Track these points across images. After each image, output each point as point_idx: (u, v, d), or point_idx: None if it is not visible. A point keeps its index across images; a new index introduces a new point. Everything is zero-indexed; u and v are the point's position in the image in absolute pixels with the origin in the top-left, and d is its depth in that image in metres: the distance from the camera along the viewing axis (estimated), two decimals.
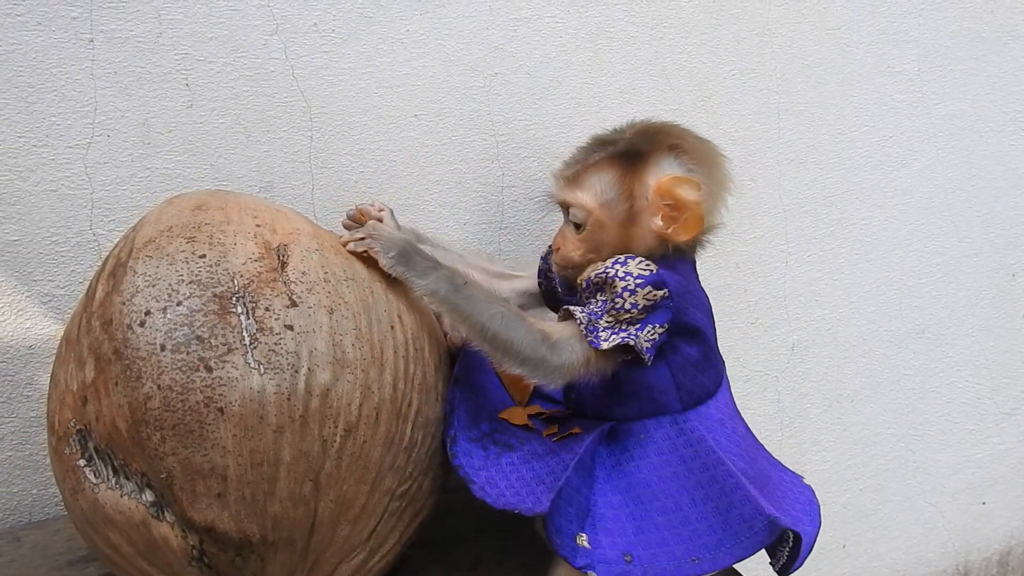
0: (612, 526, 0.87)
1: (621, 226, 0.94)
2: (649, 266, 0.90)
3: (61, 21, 1.07)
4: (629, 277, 0.89)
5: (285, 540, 0.81)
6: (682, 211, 0.92)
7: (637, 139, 0.95)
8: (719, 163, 0.97)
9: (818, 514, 0.98)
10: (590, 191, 0.95)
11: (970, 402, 1.90)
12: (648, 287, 0.89)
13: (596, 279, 0.91)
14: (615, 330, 0.89)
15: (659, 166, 0.93)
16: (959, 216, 1.77)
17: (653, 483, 0.90)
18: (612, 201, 0.94)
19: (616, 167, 0.94)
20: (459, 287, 0.90)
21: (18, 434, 1.13)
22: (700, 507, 0.89)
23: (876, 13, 1.58)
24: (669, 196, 0.91)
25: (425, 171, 1.29)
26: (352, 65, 1.22)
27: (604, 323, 0.90)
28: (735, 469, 0.91)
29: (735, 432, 0.97)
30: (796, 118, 1.56)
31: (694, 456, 0.92)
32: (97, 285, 0.84)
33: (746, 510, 0.89)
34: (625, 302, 0.89)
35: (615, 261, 0.91)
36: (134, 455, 0.78)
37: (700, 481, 0.90)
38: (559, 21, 1.33)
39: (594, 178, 0.95)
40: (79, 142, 1.10)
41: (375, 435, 0.84)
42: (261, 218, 0.88)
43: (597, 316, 0.90)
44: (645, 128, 0.97)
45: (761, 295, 1.62)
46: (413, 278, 0.91)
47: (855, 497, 1.83)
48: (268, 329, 0.79)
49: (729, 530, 0.88)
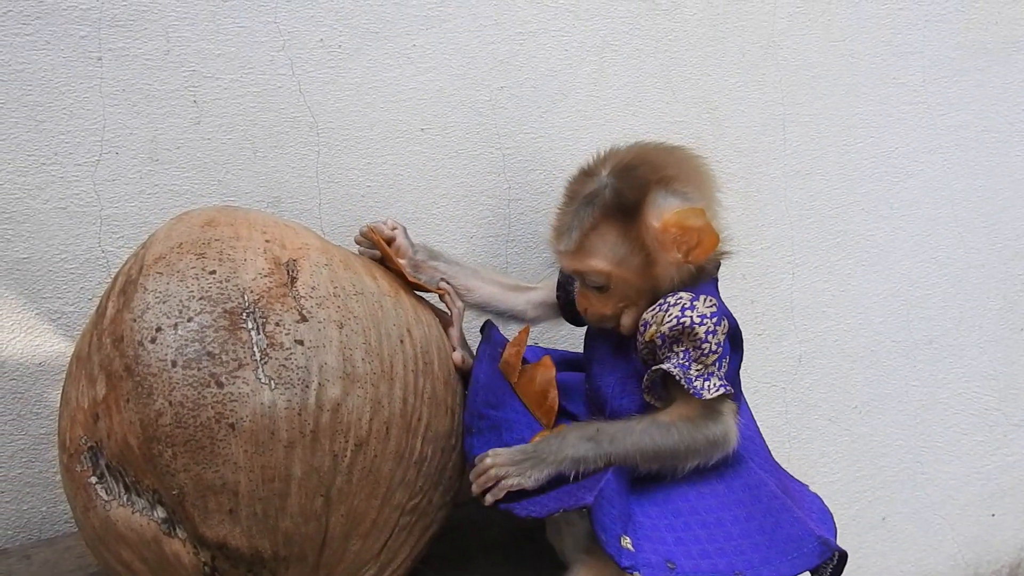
0: (652, 534, 0.87)
1: (643, 274, 0.94)
2: (712, 303, 0.91)
3: (70, 40, 1.07)
4: (706, 320, 0.89)
5: (296, 556, 0.80)
6: (694, 237, 0.92)
7: (621, 185, 0.93)
8: (701, 171, 0.97)
9: (832, 522, 0.98)
10: (600, 256, 0.94)
11: (979, 413, 1.90)
12: (724, 321, 0.91)
13: (671, 333, 0.90)
14: (706, 376, 0.90)
15: (656, 206, 0.92)
16: (965, 227, 1.77)
17: (691, 497, 0.90)
18: (626, 258, 0.94)
19: (616, 224, 0.93)
20: (596, 439, 0.90)
21: (28, 451, 1.13)
22: (743, 524, 0.89)
23: (881, 25, 1.58)
24: (677, 230, 0.92)
25: (432, 184, 1.29)
26: (359, 80, 1.22)
27: (695, 372, 0.90)
28: (776, 489, 0.91)
29: (762, 448, 0.99)
30: (802, 129, 1.56)
31: (735, 475, 0.92)
32: (108, 302, 0.85)
33: (795, 530, 0.89)
34: (711, 344, 0.90)
35: (683, 308, 0.90)
36: (146, 472, 0.78)
37: (741, 499, 0.90)
38: (565, 35, 1.34)
39: (599, 242, 0.94)
40: (88, 159, 1.11)
41: (385, 450, 0.84)
42: (270, 233, 0.89)
43: (686, 368, 0.90)
44: (622, 167, 0.95)
45: (768, 306, 1.62)
46: (554, 469, 0.89)
47: (864, 509, 1.83)
48: (278, 344, 0.79)
49: (775, 547, 0.87)
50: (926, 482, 1.87)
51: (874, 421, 1.78)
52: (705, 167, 0.98)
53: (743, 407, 0.99)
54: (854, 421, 1.76)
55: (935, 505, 1.90)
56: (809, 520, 0.91)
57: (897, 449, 1.83)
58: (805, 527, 0.89)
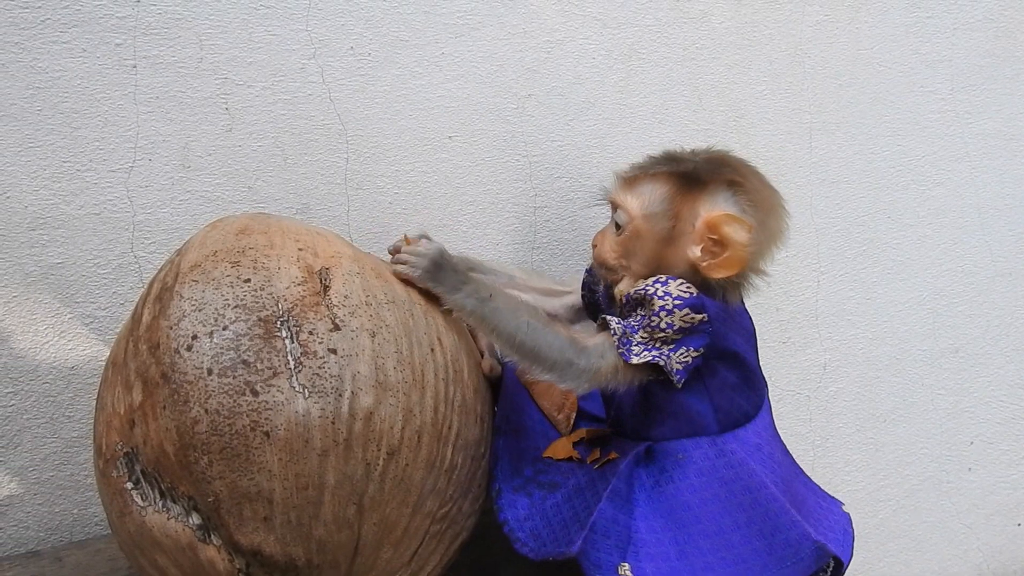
0: (654, 551, 0.87)
1: (658, 242, 0.94)
2: (689, 289, 0.90)
3: (105, 48, 1.09)
4: (668, 297, 0.89)
5: (329, 563, 0.81)
6: (725, 249, 0.91)
7: (702, 166, 0.95)
8: (777, 213, 0.96)
9: (851, 545, 0.97)
10: (638, 198, 0.95)
11: (1004, 423, 1.88)
12: (686, 309, 0.89)
13: (636, 295, 0.91)
14: (647, 347, 0.90)
15: (714, 198, 0.93)
16: (992, 236, 1.75)
17: (695, 505, 0.90)
18: (656, 215, 0.94)
19: (672, 184, 0.94)
20: (484, 300, 0.91)
21: (60, 454, 1.15)
22: (744, 530, 0.89)
23: (909, 33, 1.58)
24: (717, 231, 0.91)
25: (459, 192, 1.30)
26: (388, 88, 1.23)
27: (639, 338, 0.90)
28: (776, 491, 0.91)
29: (771, 458, 0.97)
30: (828, 138, 1.55)
31: (735, 478, 0.91)
32: (143, 309, 0.85)
33: (792, 534, 0.89)
34: (661, 321, 0.89)
35: (656, 280, 0.91)
36: (181, 478, 0.78)
37: (742, 504, 0.90)
38: (592, 43, 1.34)
39: (647, 187, 0.95)
40: (121, 166, 1.12)
41: (417, 458, 0.85)
42: (303, 242, 0.90)
43: (633, 330, 0.90)
44: (716, 158, 0.97)
45: (793, 314, 1.61)
46: (442, 292, 0.92)
47: (888, 517, 1.82)
48: (312, 353, 0.80)
49: (775, 554, 0.88)
50: (951, 491, 1.86)
51: (899, 430, 1.77)
52: (784, 216, 0.97)
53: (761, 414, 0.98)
54: (879, 430, 1.75)
55: (960, 514, 1.89)
56: (807, 524, 0.91)
57: (922, 458, 1.82)
58: (802, 530, 0.89)
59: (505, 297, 0.93)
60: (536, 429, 1.03)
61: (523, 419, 1.03)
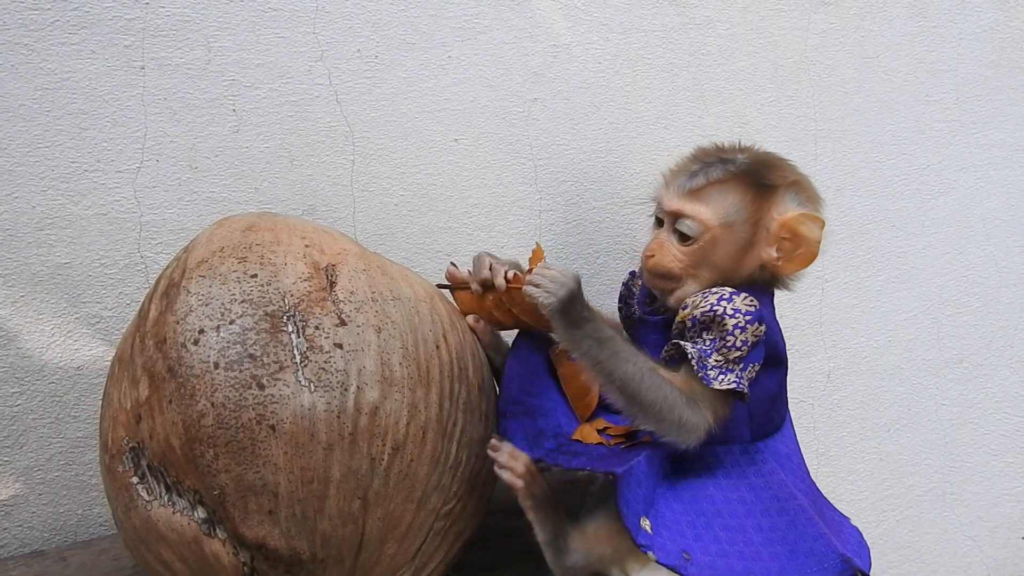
0: (672, 526, 0.87)
1: (737, 249, 0.95)
2: (753, 302, 0.90)
3: (114, 49, 1.09)
4: (739, 314, 0.89)
5: (334, 558, 0.81)
6: (799, 246, 0.94)
7: (761, 168, 0.95)
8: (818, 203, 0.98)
9: (868, 556, 0.97)
10: (714, 208, 0.95)
11: (1009, 434, 1.88)
12: (756, 323, 0.89)
13: (703, 317, 0.90)
14: (723, 370, 0.89)
15: (784, 201, 0.95)
16: (997, 245, 1.75)
17: (718, 500, 0.90)
18: (736, 224, 0.94)
19: (746, 191, 0.94)
20: (602, 342, 0.88)
21: (65, 454, 1.15)
22: (765, 533, 0.88)
23: (914, 42, 1.58)
24: (792, 231, 0.93)
25: (464, 195, 1.30)
26: (394, 90, 1.24)
27: (713, 362, 0.89)
28: (805, 503, 0.90)
29: (799, 467, 0.97)
30: (833, 145, 1.56)
31: (764, 486, 0.92)
32: (150, 305, 0.86)
33: (818, 545, 0.88)
34: (736, 340, 0.89)
35: (720, 298, 0.90)
36: (187, 472, 0.78)
37: (768, 510, 0.90)
38: (598, 48, 1.34)
39: (719, 196, 0.95)
40: (129, 167, 1.12)
41: (422, 454, 0.85)
42: (309, 239, 0.90)
43: (707, 355, 0.90)
44: (767, 159, 0.97)
45: (797, 321, 1.61)
46: (562, 327, 0.89)
47: (891, 528, 1.81)
48: (318, 347, 0.80)
49: (795, 560, 0.87)
50: (955, 502, 1.86)
51: (903, 439, 1.77)
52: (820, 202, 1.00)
53: (787, 425, 0.98)
54: (883, 439, 1.75)
55: (964, 526, 1.88)
56: (835, 538, 0.90)
57: (926, 468, 1.81)
58: (828, 543, 0.89)
59: (619, 341, 0.91)
60: (558, 409, 1.01)
61: (543, 401, 1.01)
